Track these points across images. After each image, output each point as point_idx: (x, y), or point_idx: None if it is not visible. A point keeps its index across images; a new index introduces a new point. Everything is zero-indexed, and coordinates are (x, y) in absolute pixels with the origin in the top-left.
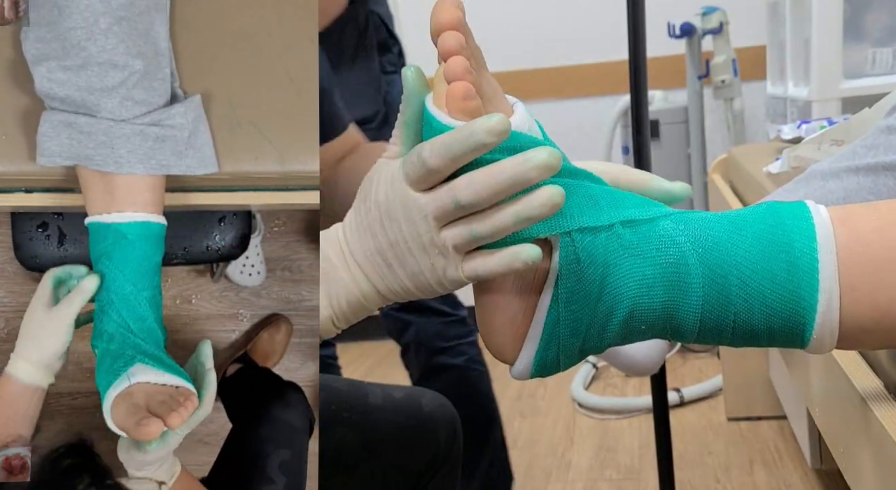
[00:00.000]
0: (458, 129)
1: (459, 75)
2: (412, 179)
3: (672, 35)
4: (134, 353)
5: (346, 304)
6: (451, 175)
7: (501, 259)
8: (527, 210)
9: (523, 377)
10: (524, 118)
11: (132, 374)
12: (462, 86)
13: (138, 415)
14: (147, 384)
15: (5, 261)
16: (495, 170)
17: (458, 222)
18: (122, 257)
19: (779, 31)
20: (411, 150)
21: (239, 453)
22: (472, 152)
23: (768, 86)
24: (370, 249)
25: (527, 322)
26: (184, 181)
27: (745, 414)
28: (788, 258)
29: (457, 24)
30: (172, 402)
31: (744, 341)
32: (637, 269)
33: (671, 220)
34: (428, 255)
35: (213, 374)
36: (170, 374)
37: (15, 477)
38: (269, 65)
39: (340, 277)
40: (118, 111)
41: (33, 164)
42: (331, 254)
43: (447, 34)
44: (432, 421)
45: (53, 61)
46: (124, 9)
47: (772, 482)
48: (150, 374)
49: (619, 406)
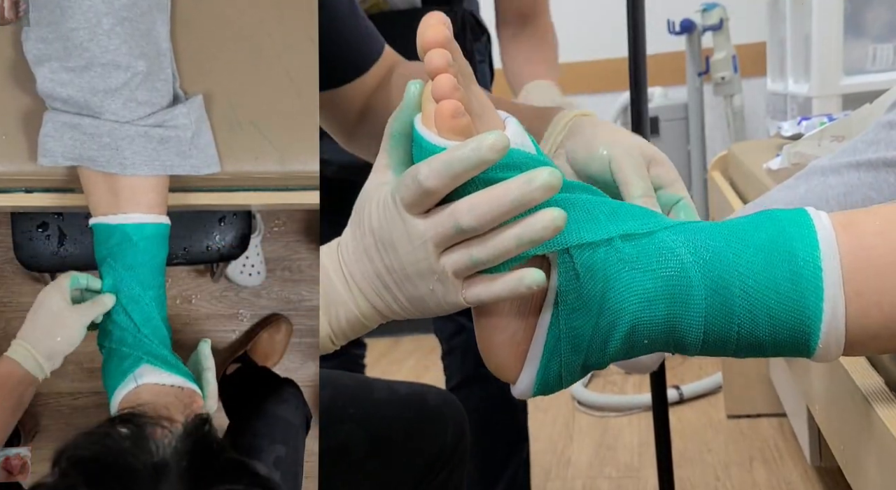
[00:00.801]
0: (456, 147)
1: (447, 93)
2: (408, 203)
3: (672, 31)
4: (141, 354)
5: (345, 322)
6: (447, 197)
7: (506, 284)
8: (529, 233)
9: (525, 396)
10: (517, 133)
11: (139, 376)
12: (450, 104)
13: None
14: (153, 385)
15: (5, 261)
16: (498, 192)
17: (457, 247)
18: (128, 258)
19: (779, 27)
20: (404, 173)
21: (234, 448)
22: (473, 170)
23: (768, 82)
24: (368, 272)
25: (527, 340)
26: (184, 181)
27: (745, 411)
28: (791, 267)
29: (444, 42)
30: (177, 404)
31: (749, 353)
32: (638, 282)
33: (671, 231)
34: (426, 280)
35: (211, 374)
36: (176, 375)
37: (15, 477)
38: (269, 65)
39: (340, 295)
40: (122, 112)
41: (33, 164)
42: (330, 270)
43: (434, 52)
44: (439, 415)
45: (56, 62)
46: (127, 9)
47: (771, 480)
48: (156, 375)
49: (618, 403)
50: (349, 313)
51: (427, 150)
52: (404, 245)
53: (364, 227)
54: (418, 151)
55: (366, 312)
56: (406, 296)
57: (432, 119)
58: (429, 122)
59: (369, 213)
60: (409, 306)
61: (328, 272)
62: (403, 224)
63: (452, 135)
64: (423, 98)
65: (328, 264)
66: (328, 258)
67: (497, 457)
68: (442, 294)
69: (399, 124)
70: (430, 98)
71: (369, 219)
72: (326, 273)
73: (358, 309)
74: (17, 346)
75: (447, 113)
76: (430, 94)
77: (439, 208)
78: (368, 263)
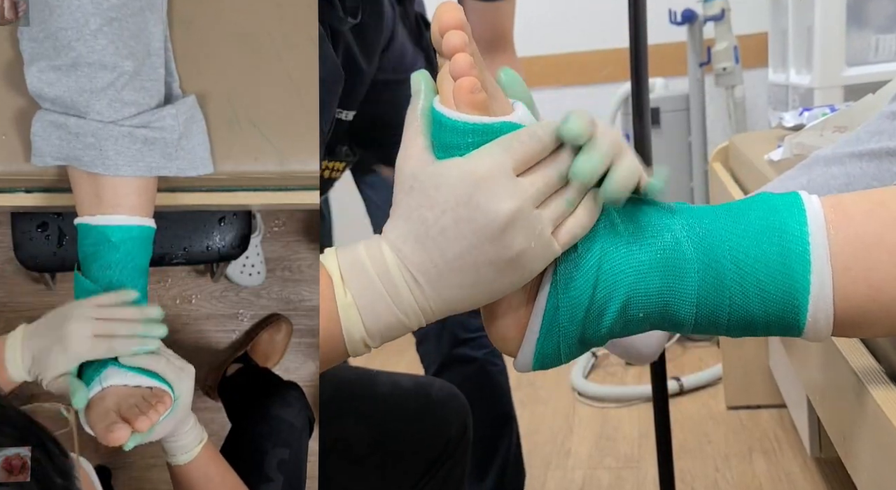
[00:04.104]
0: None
1: (465, 71)
2: (521, 160)
3: (673, 22)
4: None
5: (384, 323)
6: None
7: (588, 210)
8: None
9: (526, 368)
10: (525, 115)
11: (105, 378)
12: (469, 80)
13: (108, 420)
14: (120, 387)
15: (5, 261)
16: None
17: (550, 198)
18: (105, 259)
19: (781, 18)
20: (513, 135)
21: (237, 451)
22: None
23: (770, 73)
24: (447, 254)
25: (528, 313)
26: (183, 181)
27: (745, 403)
28: (781, 242)
29: (460, 25)
30: (143, 405)
31: (740, 329)
32: (633, 255)
33: (665, 208)
34: (528, 238)
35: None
36: (142, 376)
37: (15, 477)
38: (269, 65)
39: (385, 294)
40: (107, 112)
41: (32, 164)
42: (372, 270)
43: (452, 33)
44: (442, 409)
45: (44, 61)
46: (116, 10)
47: (771, 471)
48: (122, 377)
49: (618, 394)
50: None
51: (448, 127)
52: (504, 201)
53: (437, 209)
54: (438, 128)
55: (424, 308)
56: (497, 265)
57: (450, 98)
58: (448, 102)
59: (442, 191)
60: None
61: (367, 271)
62: (503, 183)
63: (471, 109)
64: (440, 78)
65: (368, 263)
66: (369, 257)
67: (486, 440)
68: (541, 248)
69: (428, 102)
70: (447, 77)
71: (446, 198)
72: (365, 273)
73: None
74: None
75: (466, 88)
76: (447, 73)
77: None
78: (447, 245)
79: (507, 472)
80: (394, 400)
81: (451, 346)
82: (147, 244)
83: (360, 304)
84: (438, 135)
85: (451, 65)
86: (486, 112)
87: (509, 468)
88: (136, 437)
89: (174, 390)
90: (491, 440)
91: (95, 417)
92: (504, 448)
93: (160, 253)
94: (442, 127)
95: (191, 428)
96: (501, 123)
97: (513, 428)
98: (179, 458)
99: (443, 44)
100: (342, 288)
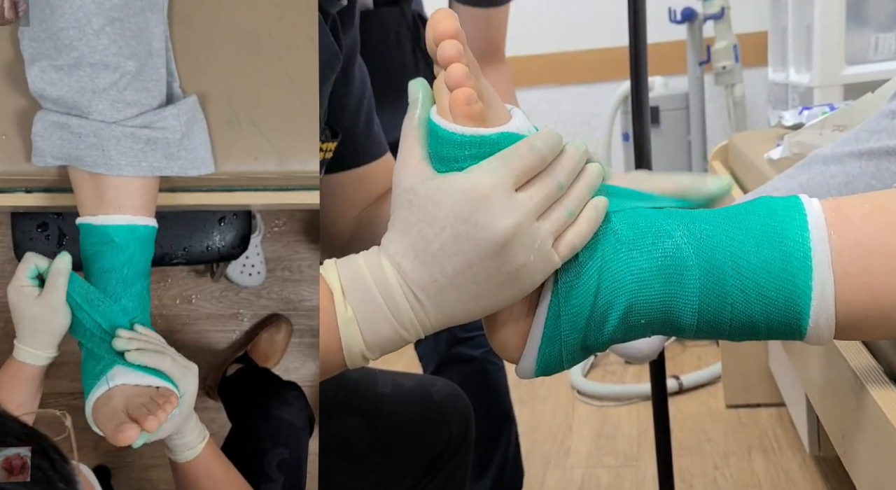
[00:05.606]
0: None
1: (461, 81)
2: (521, 172)
3: (673, 20)
4: (114, 356)
5: (383, 336)
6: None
7: (588, 220)
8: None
9: (528, 375)
10: (523, 121)
11: (111, 378)
12: (465, 92)
13: (116, 419)
14: (127, 386)
15: (5, 261)
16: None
17: (551, 208)
18: (107, 259)
19: (781, 16)
20: (512, 149)
21: (237, 451)
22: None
23: (770, 72)
24: (445, 269)
25: (530, 321)
26: (183, 181)
27: (744, 401)
28: (782, 247)
29: (455, 33)
30: (151, 404)
31: (742, 334)
32: (634, 262)
33: (665, 214)
34: (528, 252)
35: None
36: (150, 376)
37: (15, 477)
38: (269, 65)
39: (385, 308)
40: (109, 113)
41: (33, 164)
42: (373, 283)
43: (447, 43)
44: (444, 409)
45: (46, 61)
46: (118, 10)
47: (770, 469)
48: (129, 377)
49: (618, 393)
50: (393, 326)
51: (445, 139)
52: (504, 218)
53: (436, 226)
54: (434, 141)
55: (423, 322)
56: (497, 279)
57: (447, 108)
58: (444, 113)
59: (442, 207)
60: (489, 295)
61: (369, 287)
62: (503, 199)
63: (468, 121)
64: (435, 88)
65: (369, 278)
66: (369, 272)
67: (484, 439)
68: (541, 261)
69: (425, 113)
70: (442, 87)
71: (445, 215)
72: (367, 288)
73: (414, 318)
74: (18, 349)
75: (462, 100)
76: (442, 84)
77: (530, 182)
78: (447, 261)
79: (505, 471)
80: (395, 399)
81: (449, 345)
82: (149, 244)
83: (360, 319)
84: (436, 146)
85: (446, 75)
86: (482, 122)
87: (508, 467)
88: (143, 436)
89: (179, 389)
90: (490, 439)
91: (104, 417)
92: (503, 446)
93: (160, 253)
94: (439, 139)
95: (194, 425)
96: (499, 135)
97: (511, 426)
98: (183, 456)
99: (438, 53)
100: (343, 302)
